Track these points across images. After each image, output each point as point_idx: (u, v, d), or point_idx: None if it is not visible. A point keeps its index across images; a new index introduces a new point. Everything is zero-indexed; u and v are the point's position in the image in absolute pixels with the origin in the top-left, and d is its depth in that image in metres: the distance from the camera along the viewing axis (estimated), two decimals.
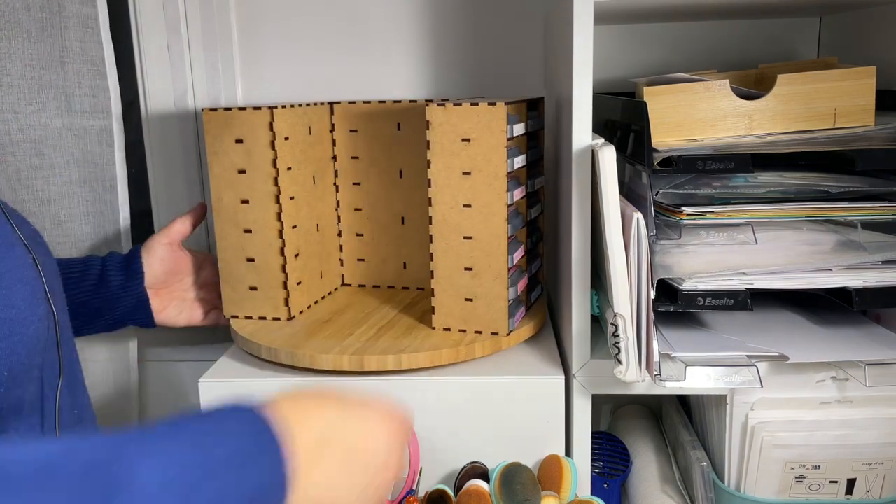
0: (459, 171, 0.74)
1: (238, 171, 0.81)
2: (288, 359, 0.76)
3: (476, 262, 0.76)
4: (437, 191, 0.75)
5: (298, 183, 0.84)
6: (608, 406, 1.05)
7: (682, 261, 0.68)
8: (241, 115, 0.79)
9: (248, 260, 0.83)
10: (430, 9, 1.01)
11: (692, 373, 0.65)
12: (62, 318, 0.66)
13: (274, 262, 0.83)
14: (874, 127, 0.69)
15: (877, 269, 0.67)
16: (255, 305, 0.85)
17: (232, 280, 0.85)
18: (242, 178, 0.81)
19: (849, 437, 0.70)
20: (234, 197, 0.82)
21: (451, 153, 0.74)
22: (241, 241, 0.83)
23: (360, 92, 1.04)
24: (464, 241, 0.76)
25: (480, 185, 0.74)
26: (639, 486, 0.83)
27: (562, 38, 0.74)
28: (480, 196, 0.74)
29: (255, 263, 0.83)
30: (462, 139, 0.73)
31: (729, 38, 0.97)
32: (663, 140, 0.71)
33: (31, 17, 0.89)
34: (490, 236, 0.75)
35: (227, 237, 0.83)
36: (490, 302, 0.77)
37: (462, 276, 0.77)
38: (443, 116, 0.73)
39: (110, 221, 0.99)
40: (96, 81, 0.96)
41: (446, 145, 0.74)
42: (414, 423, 0.73)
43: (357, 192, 0.93)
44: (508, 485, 0.67)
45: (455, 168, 0.74)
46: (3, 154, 0.91)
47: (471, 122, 0.72)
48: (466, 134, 0.73)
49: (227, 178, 0.81)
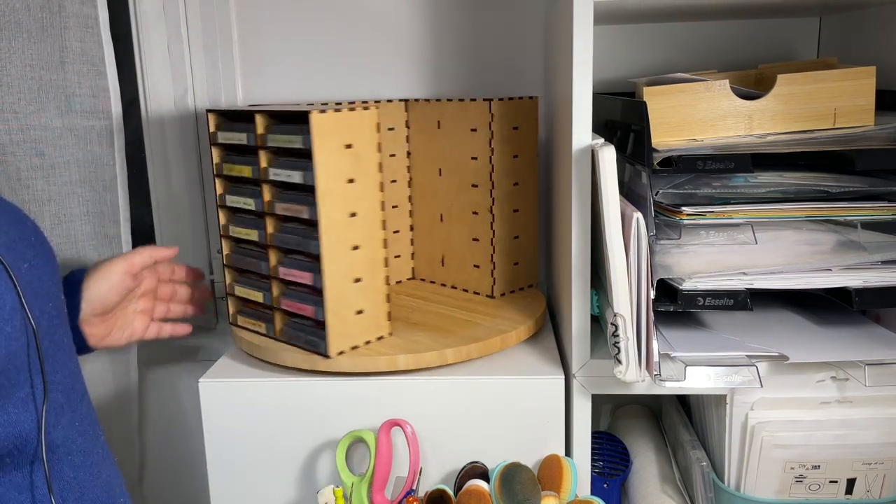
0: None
1: (347, 181, 0.72)
2: (291, 360, 0.76)
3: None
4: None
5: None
6: (608, 406, 1.05)
7: (682, 261, 0.68)
8: (350, 117, 0.71)
9: (355, 281, 0.75)
10: (430, 9, 1.01)
11: (692, 373, 0.65)
12: (51, 331, 0.59)
13: (380, 278, 0.76)
14: (874, 127, 0.69)
15: (877, 269, 0.67)
16: (362, 331, 0.76)
17: (341, 309, 0.74)
18: (350, 188, 0.72)
19: (849, 437, 0.70)
20: (343, 211, 0.72)
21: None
22: (348, 260, 0.74)
23: (360, 92, 1.04)
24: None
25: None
26: (639, 486, 0.83)
27: (562, 38, 0.74)
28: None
29: (361, 283, 0.75)
30: (345, 145, 0.71)
31: (729, 38, 0.97)
32: (663, 140, 0.71)
33: (31, 17, 0.89)
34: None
35: (334, 259, 0.73)
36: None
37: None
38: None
39: (110, 221, 0.99)
40: (96, 81, 0.96)
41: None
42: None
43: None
44: (508, 485, 0.67)
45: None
46: (3, 154, 0.91)
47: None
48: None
49: (338, 191, 0.72)
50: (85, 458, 0.61)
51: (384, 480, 0.73)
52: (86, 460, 0.61)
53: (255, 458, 0.77)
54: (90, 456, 0.62)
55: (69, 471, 0.59)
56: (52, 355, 0.58)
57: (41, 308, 0.58)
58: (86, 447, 0.62)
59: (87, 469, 0.61)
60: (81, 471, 0.60)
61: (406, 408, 0.75)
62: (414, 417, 0.74)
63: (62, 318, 0.62)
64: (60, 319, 0.61)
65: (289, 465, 0.77)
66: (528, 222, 0.91)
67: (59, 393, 0.59)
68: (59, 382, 0.59)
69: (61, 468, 0.58)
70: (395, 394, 0.74)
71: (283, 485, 0.77)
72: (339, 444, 0.74)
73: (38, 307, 0.57)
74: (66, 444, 0.59)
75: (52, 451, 0.58)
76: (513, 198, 0.89)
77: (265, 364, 0.79)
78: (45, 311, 0.58)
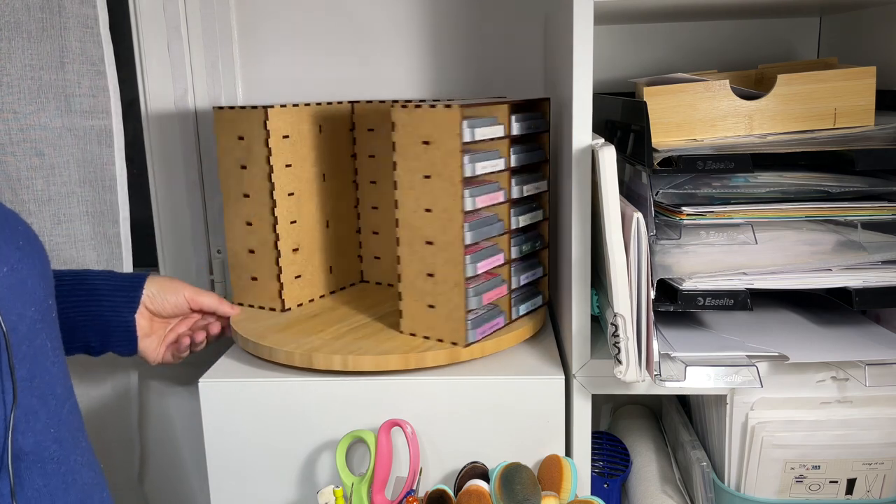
0: (420, 174, 0.73)
1: (241, 167, 0.85)
2: (285, 358, 0.76)
3: (437, 268, 0.75)
4: (402, 193, 0.75)
5: (302, 179, 0.87)
6: (608, 406, 1.04)
7: (682, 261, 0.68)
8: (242, 114, 0.84)
9: (249, 251, 0.88)
10: (431, 9, 1.01)
11: (692, 373, 0.65)
12: (31, 336, 0.58)
13: (269, 256, 0.87)
14: (874, 127, 0.69)
15: (877, 269, 0.67)
16: (255, 294, 0.90)
17: (237, 268, 0.90)
18: (244, 173, 0.85)
19: (849, 437, 0.70)
20: (237, 191, 0.86)
21: (413, 156, 0.73)
22: (243, 233, 0.88)
23: (360, 92, 1.04)
24: (426, 245, 0.75)
25: (438, 190, 0.73)
26: (639, 486, 0.83)
27: (562, 39, 0.74)
28: (439, 201, 0.73)
29: (255, 255, 0.88)
30: (423, 142, 0.72)
31: (729, 38, 0.97)
32: (663, 140, 0.71)
33: (31, 17, 0.90)
34: (446, 243, 0.73)
35: (233, 228, 0.89)
36: (450, 311, 0.75)
37: (425, 281, 0.76)
38: (406, 118, 0.73)
39: (110, 221, 0.99)
40: (96, 81, 0.96)
41: (409, 148, 0.73)
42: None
43: (374, 191, 0.94)
44: (508, 485, 0.67)
45: (417, 171, 0.73)
46: (3, 154, 0.91)
47: (429, 125, 0.71)
48: (426, 137, 0.72)
49: (233, 174, 0.86)
50: (59, 465, 0.59)
51: (384, 480, 0.73)
52: (59, 468, 0.59)
53: (254, 458, 0.77)
54: (65, 464, 0.59)
55: (39, 479, 0.57)
56: (30, 359, 0.57)
57: (20, 312, 0.56)
58: (61, 455, 0.59)
59: (61, 477, 0.59)
60: (54, 479, 0.58)
61: (406, 408, 0.75)
62: (414, 417, 0.74)
63: (47, 321, 0.61)
64: (45, 324, 0.60)
65: (289, 465, 0.77)
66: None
67: (35, 398, 0.57)
68: (36, 388, 0.57)
69: (31, 476, 0.56)
70: (395, 394, 0.74)
71: (283, 485, 0.77)
72: (339, 444, 0.74)
73: (16, 311, 0.56)
74: (38, 451, 0.57)
75: (21, 458, 0.56)
76: None
77: (265, 364, 0.79)
78: (26, 316, 0.57)
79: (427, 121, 0.71)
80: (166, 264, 1.10)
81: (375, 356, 0.74)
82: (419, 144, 0.72)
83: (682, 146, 0.68)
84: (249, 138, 0.84)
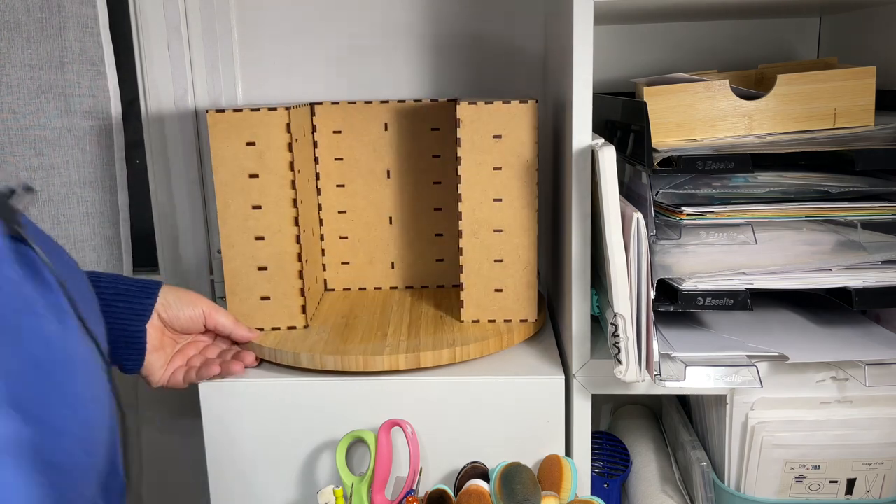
0: (490, 166, 0.78)
1: (249, 176, 0.78)
2: (336, 364, 0.75)
3: (506, 254, 0.80)
4: (467, 187, 0.78)
5: (302, 186, 0.83)
6: (608, 406, 1.04)
7: (682, 261, 0.68)
8: (254, 117, 0.76)
9: (259, 269, 0.81)
10: (430, 9, 1.01)
11: (692, 373, 0.65)
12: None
13: (291, 270, 0.81)
14: (874, 127, 0.69)
15: (877, 269, 0.67)
16: (267, 315, 0.82)
17: (240, 290, 0.81)
18: (253, 182, 0.78)
19: (849, 437, 0.70)
20: (244, 203, 0.78)
21: (482, 150, 0.77)
22: (252, 249, 0.80)
23: (360, 92, 1.04)
24: (494, 233, 0.80)
25: (511, 180, 0.78)
26: (639, 486, 0.83)
27: (562, 39, 0.74)
28: (511, 190, 0.78)
29: (268, 272, 0.81)
30: (493, 136, 0.77)
31: (729, 38, 0.97)
32: (663, 140, 0.71)
33: (30, 17, 0.90)
34: (520, 228, 0.79)
35: (235, 245, 0.80)
36: (520, 291, 0.81)
37: (492, 267, 0.80)
38: (474, 114, 0.76)
39: (110, 221, 0.99)
40: (96, 81, 0.96)
41: (477, 142, 0.77)
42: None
43: (341, 194, 0.93)
44: (508, 485, 0.67)
45: (486, 164, 0.78)
46: (3, 154, 0.91)
47: (501, 119, 0.76)
48: (497, 131, 0.77)
49: (236, 184, 0.78)
50: None
51: (384, 480, 0.73)
52: None
53: (254, 458, 0.77)
54: None
55: None
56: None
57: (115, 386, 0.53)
58: None
59: None
60: None
61: (406, 408, 0.75)
62: (414, 417, 0.74)
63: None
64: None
65: (289, 465, 0.77)
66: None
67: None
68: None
69: None
70: (395, 394, 0.74)
71: (282, 485, 0.77)
72: (339, 444, 0.74)
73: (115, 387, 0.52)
74: None
75: None
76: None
77: (265, 363, 0.79)
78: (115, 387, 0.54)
79: (498, 115, 0.77)
80: (166, 264, 1.10)
81: (376, 356, 0.74)
82: (489, 138, 0.77)
83: (681, 146, 0.68)
84: (264, 143, 0.77)
